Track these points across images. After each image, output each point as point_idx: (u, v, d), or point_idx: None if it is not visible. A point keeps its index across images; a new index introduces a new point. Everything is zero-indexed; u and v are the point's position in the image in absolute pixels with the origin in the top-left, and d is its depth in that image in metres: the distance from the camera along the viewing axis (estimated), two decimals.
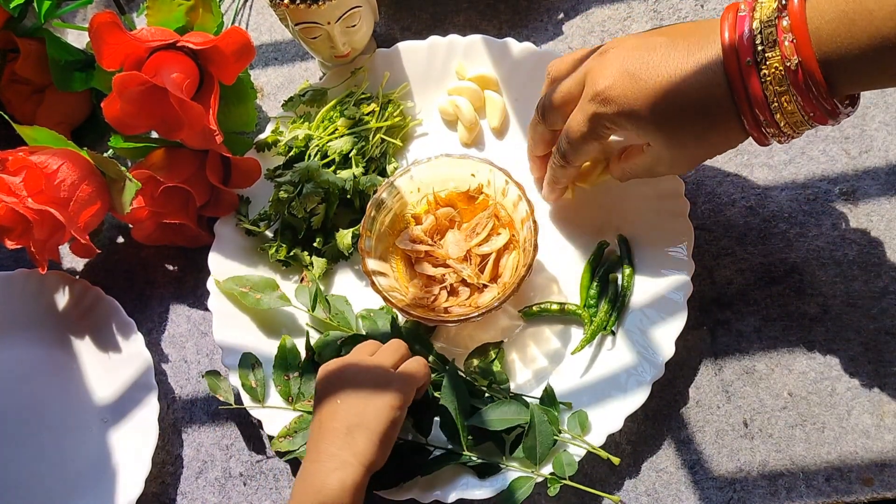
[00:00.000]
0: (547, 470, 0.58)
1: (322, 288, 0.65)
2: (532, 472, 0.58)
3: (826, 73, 0.46)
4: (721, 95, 0.48)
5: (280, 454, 0.60)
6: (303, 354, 0.63)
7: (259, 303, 0.64)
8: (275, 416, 0.62)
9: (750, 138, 0.51)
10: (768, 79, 0.47)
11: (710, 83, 0.49)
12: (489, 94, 0.69)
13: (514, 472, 0.58)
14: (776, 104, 0.47)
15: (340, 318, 0.64)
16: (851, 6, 0.44)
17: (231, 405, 0.63)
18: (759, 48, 0.47)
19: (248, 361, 0.63)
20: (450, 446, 0.59)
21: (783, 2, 0.46)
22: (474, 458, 0.58)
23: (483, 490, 0.58)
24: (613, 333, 0.61)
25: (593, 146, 0.55)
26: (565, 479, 0.57)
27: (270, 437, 0.62)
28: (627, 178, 0.58)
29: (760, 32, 0.47)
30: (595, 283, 0.62)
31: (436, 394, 0.60)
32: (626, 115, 0.52)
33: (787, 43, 0.46)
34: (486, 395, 0.60)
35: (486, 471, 0.58)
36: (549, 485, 0.57)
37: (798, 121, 0.48)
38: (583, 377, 0.61)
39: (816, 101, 0.47)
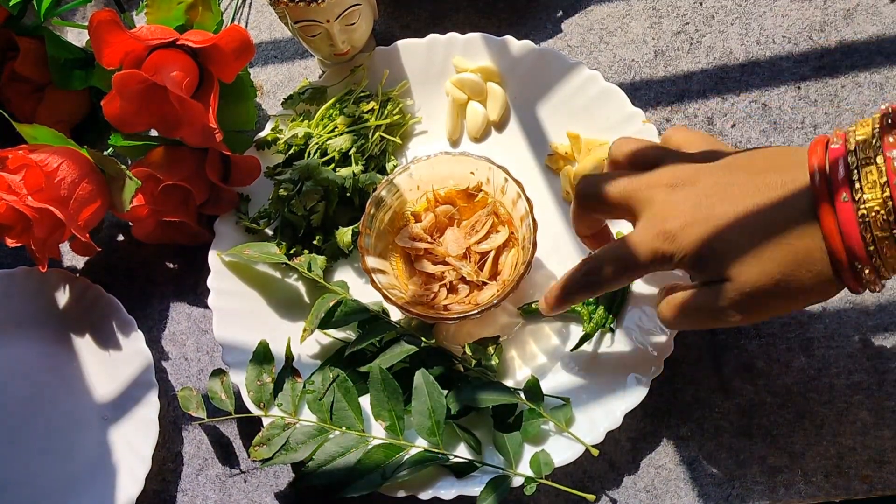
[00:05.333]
0: (525, 470, 0.58)
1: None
2: (510, 471, 0.58)
3: None
4: (811, 242, 0.44)
5: (261, 462, 0.60)
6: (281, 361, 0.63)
7: (258, 260, 0.64)
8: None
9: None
10: (869, 222, 0.42)
11: (798, 230, 0.44)
12: (491, 86, 0.69)
13: (491, 472, 0.59)
14: (877, 250, 0.42)
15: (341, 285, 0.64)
16: None
17: (204, 419, 0.63)
18: (857, 185, 0.42)
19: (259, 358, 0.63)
20: (426, 446, 0.59)
21: (889, 137, 0.41)
22: (451, 458, 0.59)
23: (459, 489, 0.58)
24: (612, 331, 0.61)
25: (637, 277, 0.52)
26: (542, 478, 0.57)
27: None
28: (680, 321, 0.51)
29: (858, 168, 0.42)
30: None
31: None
32: (696, 261, 0.47)
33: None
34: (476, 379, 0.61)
35: (463, 470, 0.59)
36: (525, 484, 0.57)
37: None
38: (582, 374, 0.61)
39: None
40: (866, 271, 0.43)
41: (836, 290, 0.46)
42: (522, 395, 0.60)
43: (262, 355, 0.63)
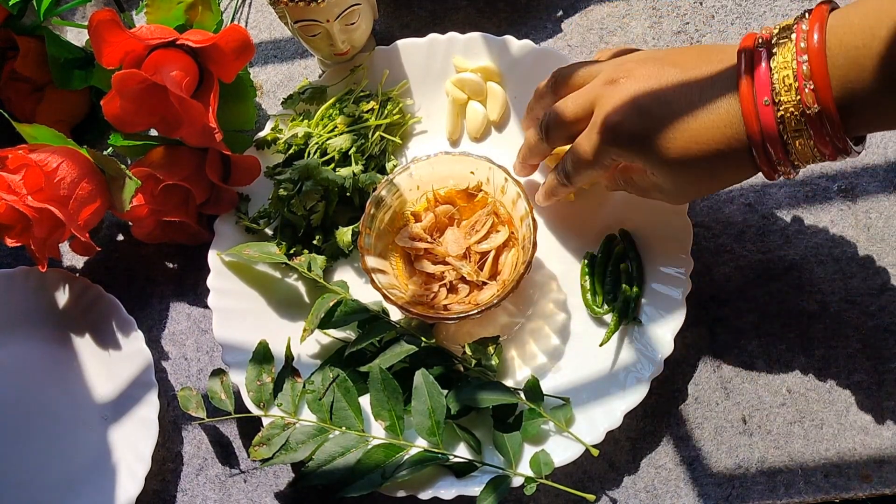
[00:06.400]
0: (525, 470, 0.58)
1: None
2: (510, 471, 0.58)
3: (841, 117, 0.46)
4: (735, 136, 0.49)
5: (261, 462, 0.60)
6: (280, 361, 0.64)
7: (258, 259, 0.64)
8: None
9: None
10: (785, 120, 0.47)
11: (724, 124, 0.49)
12: (491, 86, 0.69)
13: (491, 472, 0.59)
14: (790, 144, 0.48)
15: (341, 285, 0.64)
16: (862, 52, 0.44)
17: (203, 419, 0.63)
18: (776, 88, 0.47)
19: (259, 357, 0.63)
20: (426, 446, 0.59)
21: (801, 45, 0.46)
22: (451, 458, 0.59)
23: (459, 489, 0.58)
24: (640, 323, 0.61)
25: (597, 172, 0.56)
26: (542, 478, 0.57)
27: None
28: (617, 189, 0.58)
29: (777, 72, 0.47)
30: (608, 278, 0.62)
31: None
32: (636, 151, 0.52)
33: (807, 90, 0.46)
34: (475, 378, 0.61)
35: (463, 470, 0.59)
36: (525, 484, 0.57)
37: (809, 158, 0.48)
38: (582, 374, 0.61)
39: (831, 142, 0.47)
40: (777, 157, 0.48)
41: (753, 171, 0.51)
42: (522, 395, 0.60)
43: (262, 355, 0.63)
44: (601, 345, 0.61)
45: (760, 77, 0.47)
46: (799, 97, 0.46)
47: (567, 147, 0.62)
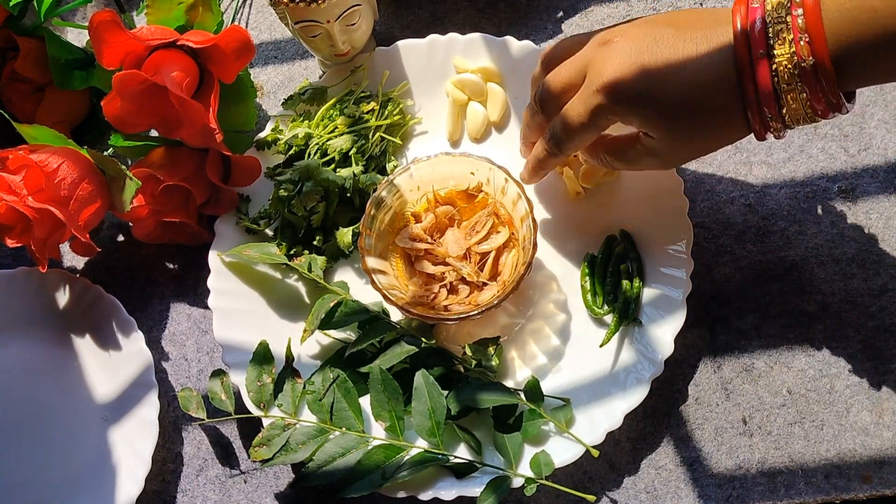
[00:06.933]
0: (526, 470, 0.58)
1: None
2: (510, 472, 0.58)
3: (835, 71, 0.46)
4: (729, 89, 0.49)
5: (261, 463, 0.60)
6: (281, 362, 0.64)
7: (258, 260, 0.64)
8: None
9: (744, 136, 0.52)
10: (779, 73, 0.47)
11: (719, 77, 0.49)
12: (491, 87, 0.69)
13: (491, 472, 0.59)
14: (783, 99, 0.48)
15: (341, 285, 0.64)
16: (855, 4, 0.45)
17: (203, 419, 0.63)
18: (771, 42, 0.47)
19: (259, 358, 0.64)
20: (426, 446, 0.59)
21: None
22: (451, 458, 0.59)
23: (459, 490, 0.58)
24: (641, 323, 0.61)
25: (591, 135, 0.55)
26: (542, 479, 0.57)
27: None
28: (605, 165, 0.58)
29: (772, 26, 0.47)
30: (608, 279, 0.62)
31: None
32: (634, 107, 0.51)
33: (802, 42, 0.46)
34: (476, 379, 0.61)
35: (463, 471, 0.59)
36: (525, 485, 0.57)
37: (801, 116, 0.49)
38: (582, 375, 0.61)
39: (825, 97, 0.47)
40: (770, 113, 0.49)
41: (745, 130, 0.51)
42: (522, 396, 0.60)
43: (263, 356, 0.63)
44: (601, 345, 0.61)
45: (755, 29, 0.48)
46: (793, 49, 0.47)
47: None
